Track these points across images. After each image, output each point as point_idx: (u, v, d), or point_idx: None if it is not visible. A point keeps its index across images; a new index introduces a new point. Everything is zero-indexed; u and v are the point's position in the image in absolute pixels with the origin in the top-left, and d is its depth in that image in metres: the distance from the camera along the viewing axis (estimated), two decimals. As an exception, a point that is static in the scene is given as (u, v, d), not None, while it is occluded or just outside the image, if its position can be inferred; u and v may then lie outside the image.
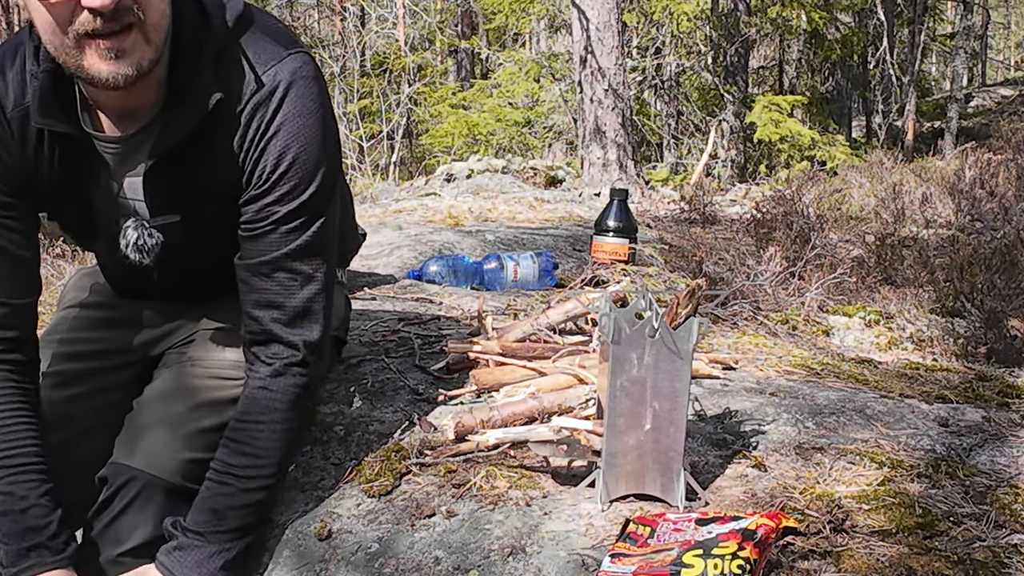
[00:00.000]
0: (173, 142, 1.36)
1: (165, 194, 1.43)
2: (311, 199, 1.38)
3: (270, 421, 1.41)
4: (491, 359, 1.84)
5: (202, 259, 1.52)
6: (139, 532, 1.40)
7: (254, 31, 1.36)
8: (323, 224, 1.41)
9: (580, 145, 6.73)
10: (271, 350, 1.43)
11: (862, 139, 14.35)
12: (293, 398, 1.43)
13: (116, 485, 1.42)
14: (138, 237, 1.47)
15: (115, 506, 1.42)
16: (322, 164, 1.38)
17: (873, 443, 1.56)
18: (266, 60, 1.35)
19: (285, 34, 1.40)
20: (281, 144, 1.35)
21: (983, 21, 19.85)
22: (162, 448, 1.43)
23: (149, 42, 1.27)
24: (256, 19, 1.38)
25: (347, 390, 1.81)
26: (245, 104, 1.35)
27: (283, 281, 1.41)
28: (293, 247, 1.39)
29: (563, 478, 1.46)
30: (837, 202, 5.17)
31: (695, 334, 1.32)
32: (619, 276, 2.76)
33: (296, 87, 1.35)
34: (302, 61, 1.37)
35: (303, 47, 1.39)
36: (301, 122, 1.36)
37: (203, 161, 1.39)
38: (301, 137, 1.36)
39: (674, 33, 10.46)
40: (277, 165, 1.36)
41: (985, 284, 2.52)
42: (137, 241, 1.47)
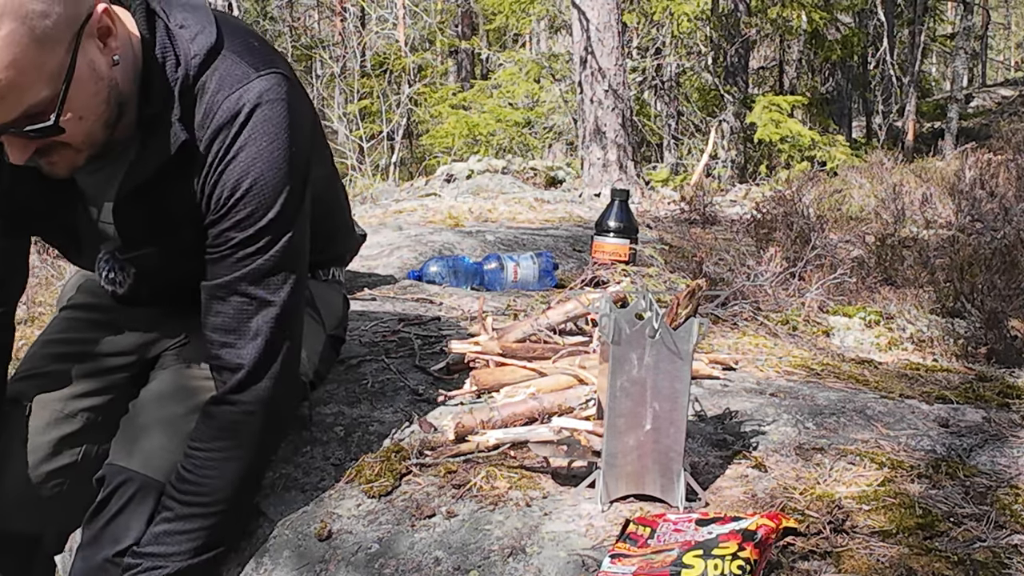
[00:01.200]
0: (139, 180, 1.35)
1: (138, 226, 1.43)
2: (270, 224, 1.34)
3: (210, 449, 1.39)
4: (491, 359, 1.84)
5: (185, 279, 1.50)
6: (134, 532, 1.40)
7: (225, 56, 1.32)
8: (283, 249, 1.37)
9: (580, 146, 6.73)
10: (221, 376, 1.40)
11: (862, 139, 14.35)
12: (235, 428, 1.39)
13: (113, 486, 1.42)
14: (109, 270, 1.48)
15: (112, 507, 1.41)
16: (283, 188, 1.34)
17: (873, 444, 1.56)
18: (232, 84, 1.31)
19: (259, 53, 1.36)
20: (239, 170, 1.32)
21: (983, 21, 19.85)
22: (159, 450, 1.43)
23: (81, 150, 1.25)
24: (228, 43, 1.34)
25: (347, 390, 1.81)
26: (206, 131, 1.32)
27: (238, 305, 1.37)
28: (248, 271, 1.36)
29: (563, 478, 1.46)
30: (837, 202, 5.17)
31: (695, 335, 1.32)
32: (619, 277, 2.76)
33: (261, 110, 1.31)
34: (272, 82, 1.32)
35: (277, 66, 1.35)
36: (261, 146, 1.32)
37: (176, 189, 1.37)
38: (260, 161, 1.32)
39: (674, 33, 10.46)
40: (234, 191, 1.33)
41: (985, 284, 2.52)
42: (108, 275, 1.49)
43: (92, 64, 1.19)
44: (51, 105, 1.16)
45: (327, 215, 1.68)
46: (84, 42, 1.17)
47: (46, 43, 1.11)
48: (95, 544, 1.41)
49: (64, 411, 1.57)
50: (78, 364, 1.61)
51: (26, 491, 1.55)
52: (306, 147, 1.39)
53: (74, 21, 1.15)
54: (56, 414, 1.56)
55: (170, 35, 1.31)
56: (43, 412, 1.56)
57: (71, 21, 1.14)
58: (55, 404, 1.57)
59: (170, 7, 1.32)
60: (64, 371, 1.59)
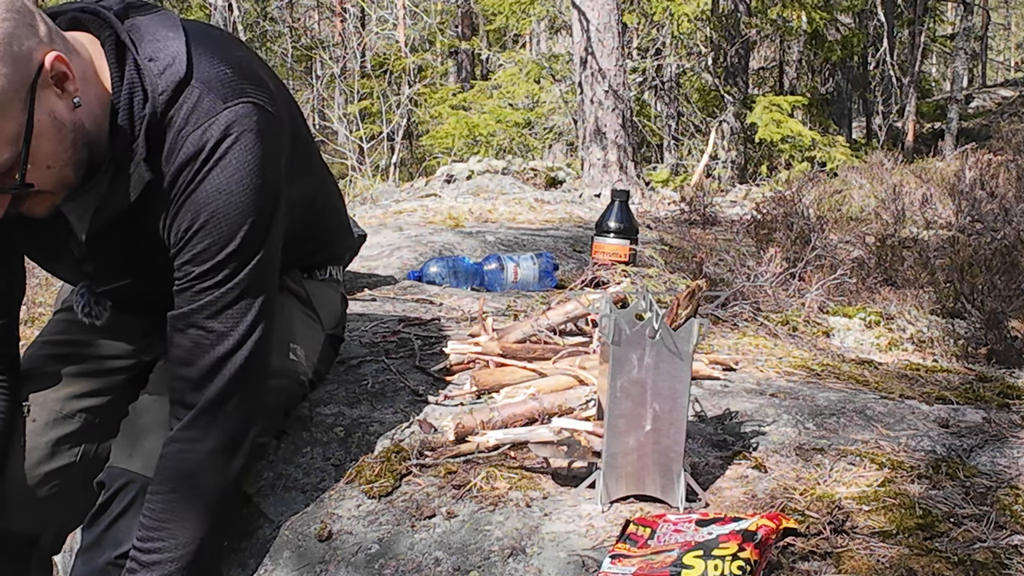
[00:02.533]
0: (107, 217, 1.35)
1: (112, 259, 1.44)
2: (228, 258, 1.32)
3: (167, 491, 1.35)
4: (491, 360, 1.84)
5: (164, 305, 1.48)
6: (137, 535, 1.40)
7: (193, 88, 1.30)
8: (243, 281, 1.34)
9: (580, 146, 6.73)
10: (176, 413, 1.38)
11: (862, 140, 14.35)
12: (191, 470, 1.35)
13: (114, 488, 1.42)
14: (85, 304, 1.50)
15: (113, 509, 1.41)
16: (244, 221, 1.31)
17: (873, 444, 1.56)
18: (198, 120, 1.29)
19: (230, 82, 1.32)
20: (197, 204, 1.30)
21: (983, 22, 19.85)
22: (158, 450, 1.43)
23: (56, 192, 1.25)
24: (199, 73, 1.31)
25: (347, 391, 1.81)
26: (170, 167, 1.30)
27: (195, 338, 1.35)
28: (204, 303, 1.34)
29: (563, 479, 1.46)
30: (837, 203, 5.17)
31: (695, 335, 1.32)
32: (619, 277, 2.76)
33: (224, 144, 1.29)
34: (240, 113, 1.30)
35: (247, 95, 1.32)
36: (222, 180, 1.29)
37: (147, 224, 1.36)
38: (220, 196, 1.30)
39: (674, 34, 10.46)
40: (191, 225, 1.31)
41: (985, 285, 2.52)
42: (84, 308, 1.50)
43: (52, 113, 1.18)
44: (15, 165, 1.15)
45: (316, 220, 1.68)
46: (40, 94, 1.16)
47: (1, 107, 1.11)
48: (96, 547, 1.41)
49: (62, 412, 1.57)
50: (76, 365, 1.61)
51: (24, 491, 1.55)
52: (276, 174, 1.36)
53: (25, 79, 1.14)
54: (54, 415, 1.56)
55: (139, 69, 1.28)
56: (41, 412, 1.56)
57: (22, 80, 1.13)
58: (53, 405, 1.57)
59: (141, 37, 1.30)
60: (62, 372, 1.59)
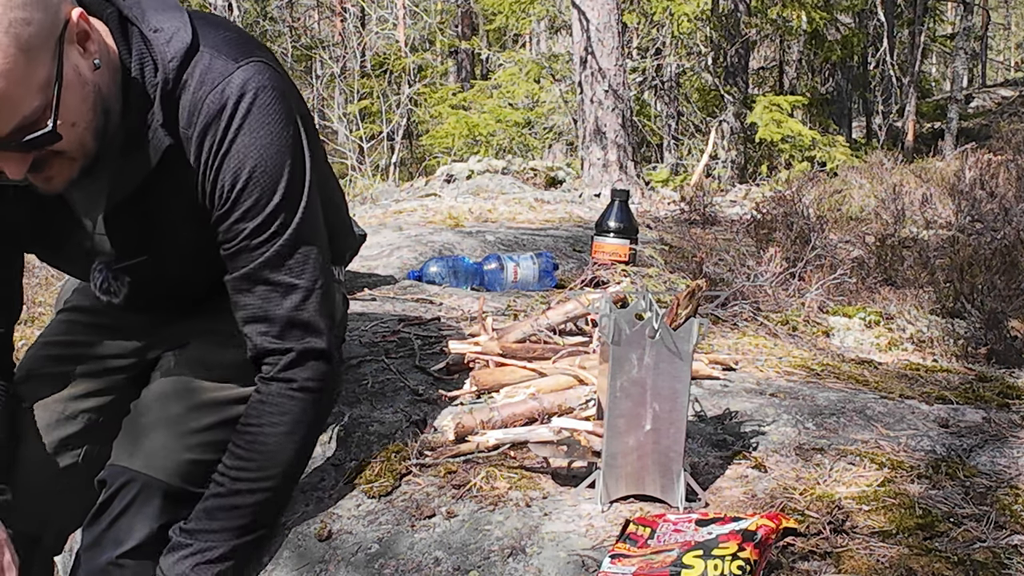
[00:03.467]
0: (126, 191, 1.36)
1: (131, 236, 1.43)
2: (277, 209, 1.35)
3: (264, 425, 1.40)
4: (491, 360, 1.84)
5: (181, 285, 1.51)
6: (137, 533, 1.40)
7: (202, 54, 1.32)
8: (296, 231, 1.37)
9: (580, 146, 6.73)
10: (266, 361, 1.41)
11: (862, 140, 14.35)
12: (288, 406, 1.41)
13: (115, 487, 1.42)
14: (103, 281, 1.48)
15: (114, 508, 1.41)
16: (283, 172, 1.35)
17: (873, 444, 1.56)
18: (214, 80, 1.30)
19: (237, 44, 1.35)
20: (236, 161, 1.32)
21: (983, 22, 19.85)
22: (160, 450, 1.43)
23: (75, 159, 1.26)
24: (204, 40, 1.33)
25: (347, 390, 1.81)
26: (193, 130, 1.32)
27: (263, 294, 1.38)
28: (266, 259, 1.36)
29: (563, 479, 1.46)
30: (837, 203, 5.17)
31: (695, 335, 1.32)
32: (619, 277, 2.76)
33: (246, 100, 1.31)
34: (253, 71, 1.32)
35: (257, 54, 1.35)
36: (254, 134, 1.32)
37: (168, 195, 1.37)
38: (255, 149, 1.32)
39: (674, 34, 10.46)
40: (234, 183, 1.33)
41: (985, 285, 2.53)
42: (103, 285, 1.48)
43: (77, 69, 1.19)
44: (45, 114, 1.16)
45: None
46: (66, 47, 1.17)
47: (32, 51, 1.11)
48: (97, 546, 1.41)
49: (65, 412, 1.57)
50: (78, 365, 1.61)
51: (28, 492, 1.55)
52: (297, 127, 1.39)
53: (54, 27, 1.15)
54: (57, 415, 1.56)
55: (146, 41, 1.30)
56: (44, 414, 1.56)
57: (52, 27, 1.14)
58: (56, 406, 1.57)
59: (143, 13, 1.31)
60: (64, 372, 1.59)
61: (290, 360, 1.39)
